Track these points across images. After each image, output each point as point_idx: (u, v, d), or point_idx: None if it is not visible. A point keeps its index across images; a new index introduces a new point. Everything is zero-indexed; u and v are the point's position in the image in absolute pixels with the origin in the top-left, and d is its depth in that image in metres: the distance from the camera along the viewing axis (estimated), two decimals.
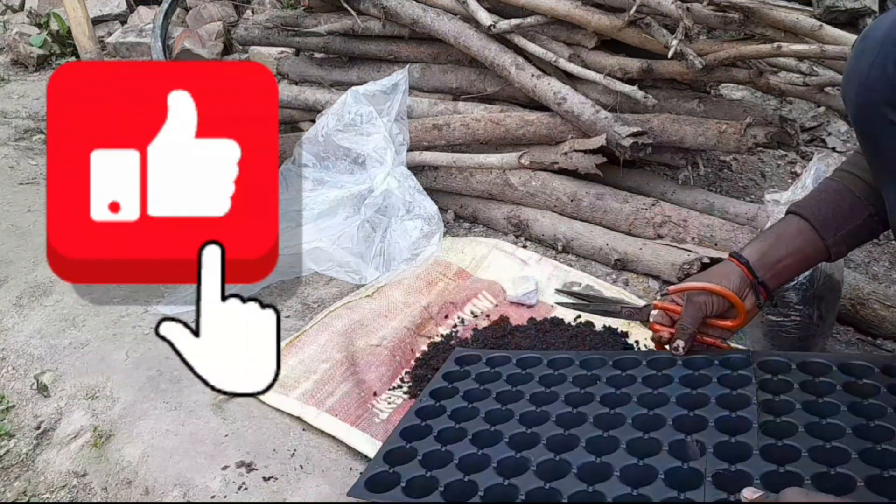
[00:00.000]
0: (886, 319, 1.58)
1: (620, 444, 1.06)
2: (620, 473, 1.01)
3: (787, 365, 1.16)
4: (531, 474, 1.05)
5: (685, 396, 1.13)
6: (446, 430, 1.19)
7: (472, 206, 2.07)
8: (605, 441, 1.08)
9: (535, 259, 1.83)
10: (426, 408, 1.27)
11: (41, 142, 2.82)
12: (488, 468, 1.08)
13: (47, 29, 3.81)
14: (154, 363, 1.54)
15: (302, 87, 2.60)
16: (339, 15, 2.43)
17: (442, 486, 1.06)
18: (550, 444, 1.10)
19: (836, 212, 1.15)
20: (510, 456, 1.09)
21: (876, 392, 1.07)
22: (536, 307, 1.68)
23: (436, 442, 1.17)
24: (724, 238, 1.73)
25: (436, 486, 1.07)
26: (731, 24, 1.77)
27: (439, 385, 1.34)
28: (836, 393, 1.08)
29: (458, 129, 2.05)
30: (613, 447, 1.06)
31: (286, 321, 1.70)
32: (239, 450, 1.30)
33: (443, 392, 1.31)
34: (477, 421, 1.20)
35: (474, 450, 1.13)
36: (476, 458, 1.11)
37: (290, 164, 2.03)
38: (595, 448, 1.07)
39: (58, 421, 1.49)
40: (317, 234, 1.87)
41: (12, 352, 1.68)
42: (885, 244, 1.99)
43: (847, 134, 2.49)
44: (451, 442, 1.16)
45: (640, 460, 1.02)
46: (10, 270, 1.93)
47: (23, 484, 1.41)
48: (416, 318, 1.64)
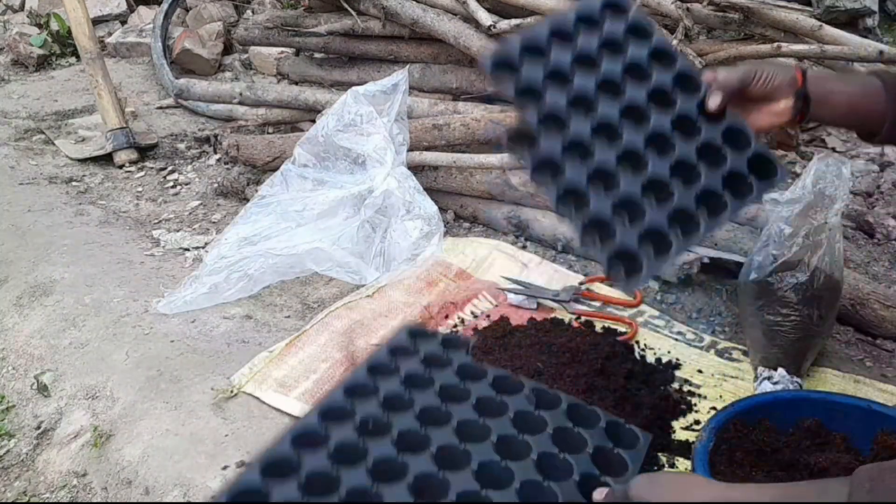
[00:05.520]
0: (886, 319, 1.58)
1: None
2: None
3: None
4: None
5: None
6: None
7: (472, 206, 2.07)
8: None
9: (536, 262, 1.83)
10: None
11: (41, 142, 2.83)
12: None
13: (47, 29, 3.80)
14: (154, 363, 1.54)
15: (302, 87, 2.61)
16: (339, 15, 2.43)
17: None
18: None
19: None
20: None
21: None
22: (536, 308, 1.68)
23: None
24: (724, 238, 1.73)
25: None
26: (731, 24, 1.77)
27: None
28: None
29: (458, 129, 2.05)
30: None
31: (286, 321, 1.71)
32: (239, 450, 1.30)
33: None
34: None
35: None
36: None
37: (290, 164, 2.03)
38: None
39: (58, 421, 1.49)
40: (317, 234, 1.87)
41: (12, 352, 1.68)
42: (884, 244, 1.99)
43: (847, 134, 2.49)
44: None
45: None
46: (10, 270, 1.93)
47: (23, 484, 1.41)
48: (416, 318, 1.64)
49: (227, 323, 1.69)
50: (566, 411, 1.14)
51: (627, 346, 1.51)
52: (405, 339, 1.28)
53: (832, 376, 1.46)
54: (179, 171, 2.59)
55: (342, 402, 1.12)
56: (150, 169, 2.62)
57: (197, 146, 2.76)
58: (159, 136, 2.81)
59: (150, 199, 2.41)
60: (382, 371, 1.20)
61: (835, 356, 1.53)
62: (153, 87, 3.30)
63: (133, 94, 3.20)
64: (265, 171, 2.24)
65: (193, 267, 1.92)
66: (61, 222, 2.20)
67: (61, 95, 3.28)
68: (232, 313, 1.73)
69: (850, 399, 1.19)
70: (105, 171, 2.60)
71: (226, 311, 1.73)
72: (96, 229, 2.17)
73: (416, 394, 1.15)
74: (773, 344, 1.42)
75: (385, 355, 1.23)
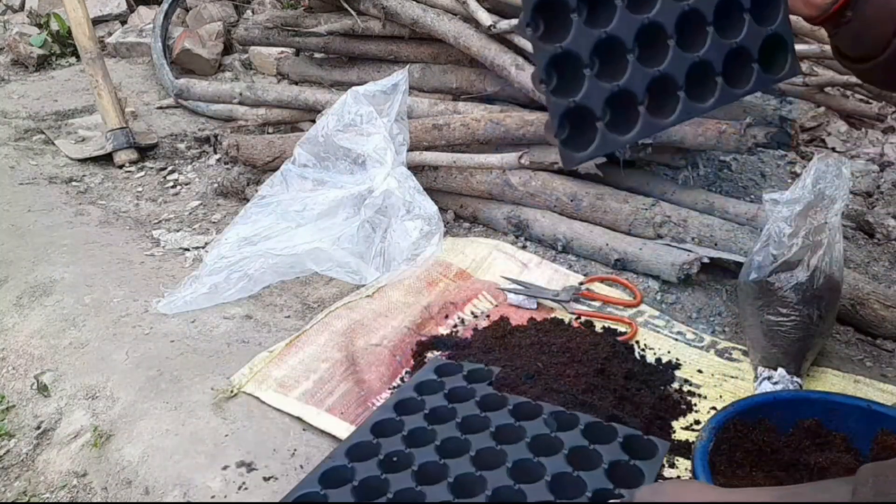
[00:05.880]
0: (886, 319, 1.58)
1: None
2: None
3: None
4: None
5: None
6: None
7: (472, 206, 2.07)
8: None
9: (536, 262, 1.83)
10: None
11: (41, 142, 2.83)
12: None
13: (47, 29, 3.81)
14: (154, 363, 1.54)
15: (302, 87, 2.60)
16: (339, 15, 2.43)
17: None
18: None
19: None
20: None
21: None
22: (537, 308, 1.68)
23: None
24: (724, 238, 1.73)
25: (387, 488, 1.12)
26: None
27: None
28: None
29: (458, 129, 2.04)
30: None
31: (286, 321, 1.71)
32: (239, 450, 1.30)
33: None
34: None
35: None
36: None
37: (290, 164, 2.03)
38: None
39: (58, 421, 1.49)
40: (317, 234, 1.87)
41: (12, 352, 1.68)
42: (884, 244, 1.99)
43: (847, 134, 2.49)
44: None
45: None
46: (10, 270, 1.93)
47: (23, 484, 1.41)
48: (416, 318, 1.64)
49: (227, 323, 1.69)
50: (583, 430, 1.20)
51: (627, 346, 1.51)
52: (431, 375, 1.35)
53: (832, 376, 1.45)
54: (179, 171, 2.59)
55: (368, 439, 1.25)
56: (150, 169, 2.62)
57: (197, 146, 2.76)
58: (159, 136, 2.82)
59: (150, 199, 2.41)
60: (408, 407, 1.28)
61: (835, 356, 1.53)
62: (153, 87, 3.30)
63: (133, 94, 3.20)
64: (265, 171, 2.24)
65: (193, 267, 1.92)
66: (61, 222, 2.20)
67: (61, 95, 3.28)
68: (232, 313, 1.73)
69: (850, 399, 1.19)
70: (105, 171, 2.60)
71: (226, 311, 1.73)
72: (96, 229, 2.17)
73: (438, 427, 1.23)
74: (773, 344, 1.42)
75: (411, 391, 1.33)
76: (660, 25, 0.95)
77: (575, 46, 0.93)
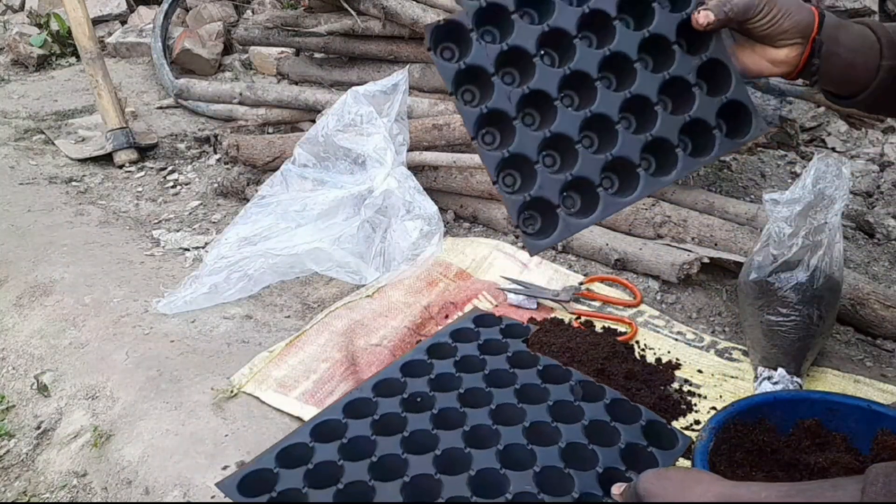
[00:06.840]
0: (886, 319, 1.58)
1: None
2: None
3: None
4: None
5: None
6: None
7: (472, 206, 2.07)
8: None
9: (536, 262, 1.83)
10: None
11: (41, 142, 2.83)
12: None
13: (47, 29, 3.80)
14: (154, 363, 1.54)
15: (302, 87, 2.61)
16: (339, 15, 2.43)
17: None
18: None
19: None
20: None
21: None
22: (537, 308, 1.68)
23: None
24: (724, 238, 1.73)
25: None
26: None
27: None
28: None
29: (458, 129, 2.05)
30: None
31: (286, 321, 1.71)
32: (239, 450, 1.30)
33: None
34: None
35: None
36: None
37: (290, 164, 2.03)
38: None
39: (58, 421, 1.49)
40: (317, 234, 1.87)
41: (12, 352, 1.68)
42: (884, 244, 1.99)
43: (847, 134, 2.49)
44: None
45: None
46: (10, 270, 1.93)
47: (23, 484, 1.41)
48: (416, 317, 1.64)
49: (227, 323, 1.69)
50: (607, 405, 1.19)
51: (627, 346, 1.51)
52: (469, 324, 1.43)
53: (832, 376, 1.46)
54: (179, 171, 2.59)
55: (397, 376, 1.29)
56: (150, 169, 2.62)
57: (197, 146, 2.76)
58: (159, 136, 2.81)
59: (150, 199, 2.41)
60: (440, 351, 1.31)
61: (835, 356, 1.53)
62: (153, 87, 3.30)
63: (133, 94, 3.20)
64: (265, 171, 2.24)
65: (193, 267, 1.92)
66: (61, 222, 2.20)
67: (61, 95, 3.28)
68: (232, 313, 1.73)
69: (850, 399, 1.19)
70: (105, 171, 2.60)
71: (226, 311, 1.73)
72: (96, 229, 2.17)
73: (466, 376, 1.26)
74: (773, 344, 1.42)
75: (446, 337, 1.34)
76: (603, 115, 0.96)
77: (521, 149, 0.95)
